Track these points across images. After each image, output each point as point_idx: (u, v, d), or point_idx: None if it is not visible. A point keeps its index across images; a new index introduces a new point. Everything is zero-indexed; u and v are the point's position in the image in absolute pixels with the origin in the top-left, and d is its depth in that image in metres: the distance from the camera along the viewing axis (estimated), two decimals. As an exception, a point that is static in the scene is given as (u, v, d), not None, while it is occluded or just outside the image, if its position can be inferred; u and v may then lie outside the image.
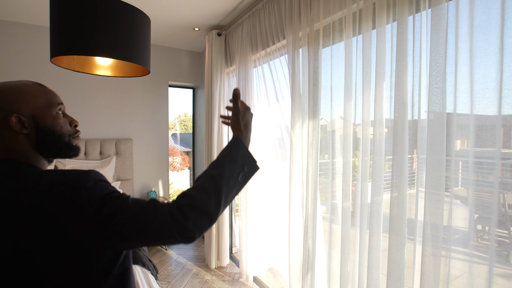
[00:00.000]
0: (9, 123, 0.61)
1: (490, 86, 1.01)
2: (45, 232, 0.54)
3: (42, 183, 0.57)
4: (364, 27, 1.43)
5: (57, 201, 0.54)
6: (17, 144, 0.62)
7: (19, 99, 0.62)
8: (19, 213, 0.54)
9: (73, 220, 0.54)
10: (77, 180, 0.57)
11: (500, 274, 1.19)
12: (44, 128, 0.65)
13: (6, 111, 0.61)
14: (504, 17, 0.98)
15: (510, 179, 1.39)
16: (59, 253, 0.55)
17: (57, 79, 3.03)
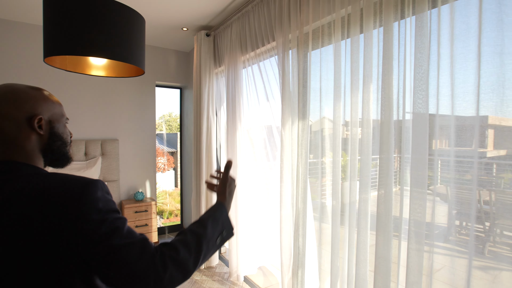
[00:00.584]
0: (32, 122, 0.65)
1: (469, 90, 1.08)
2: (43, 230, 0.55)
3: (50, 183, 0.59)
4: (352, 31, 1.49)
5: (62, 204, 0.56)
6: (28, 143, 0.65)
7: (42, 103, 0.68)
8: (26, 211, 0.55)
9: (71, 224, 0.56)
10: (85, 187, 0.59)
11: (476, 267, 1.28)
12: (56, 133, 0.71)
13: (31, 111, 0.65)
14: (481, 27, 1.05)
15: (485, 177, 1.48)
16: (44, 252, 0.56)
17: (41, 76, 2.93)
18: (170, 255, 0.63)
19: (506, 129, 1.08)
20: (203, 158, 2.97)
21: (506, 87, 1.00)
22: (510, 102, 0.99)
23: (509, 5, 1.00)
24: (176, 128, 24.68)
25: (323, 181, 1.82)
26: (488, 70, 1.03)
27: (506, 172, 1.32)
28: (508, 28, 1.00)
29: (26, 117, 0.64)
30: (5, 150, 0.63)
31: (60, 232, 0.55)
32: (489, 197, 1.64)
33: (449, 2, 1.14)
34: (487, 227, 1.64)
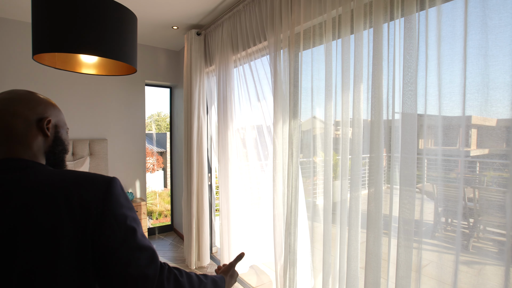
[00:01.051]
0: (41, 124, 0.69)
1: (456, 90, 1.12)
2: (69, 224, 0.56)
3: (73, 179, 0.61)
4: (343, 32, 1.51)
5: (88, 199, 0.58)
6: (35, 143, 0.68)
7: (52, 108, 0.73)
8: (51, 206, 0.56)
9: (97, 219, 0.58)
10: (109, 183, 0.63)
11: (461, 262, 1.32)
12: (60, 138, 0.75)
13: (42, 113, 0.70)
14: (466, 30, 1.09)
15: (469, 175, 1.54)
16: (69, 247, 0.56)
17: (29, 74, 2.84)
18: (176, 274, 0.69)
19: (489, 129, 1.12)
20: (194, 158, 2.95)
21: (490, 87, 1.04)
22: (494, 102, 1.03)
23: (493, 9, 1.03)
24: (165, 128, 24.38)
25: (314, 180, 1.85)
26: (474, 71, 1.07)
27: (489, 170, 1.37)
28: (491, 31, 1.04)
29: (37, 118, 0.68)
30: (14, 147, 0.65)
31: (86, 226, 0.57)
32: (473, 194, 1.70)
33: (436, 5, 1.17)
34: (471, 223, 1.70)
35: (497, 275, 1.12)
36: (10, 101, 0.66)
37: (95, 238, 0.58)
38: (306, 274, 1.93)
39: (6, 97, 0.67)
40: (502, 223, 1.19)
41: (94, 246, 0.58)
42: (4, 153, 0.64)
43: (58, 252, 0.55)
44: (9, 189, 0.58)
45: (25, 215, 0.55)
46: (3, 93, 0.69)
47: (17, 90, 0.70)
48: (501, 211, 1.20)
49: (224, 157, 2.60)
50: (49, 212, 0.56)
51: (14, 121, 0.65)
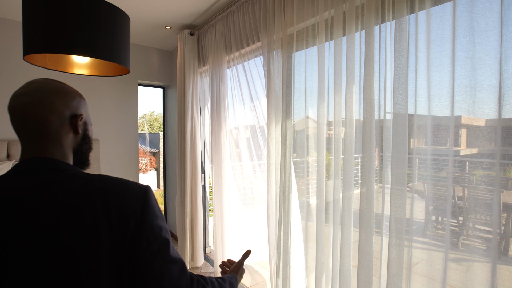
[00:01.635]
0: (74, 121, 0.65)
1: (444, 91, 1.15)
2: (108, 233, 0.55)
3: (110, 187, 0.59)
4: (335, 34, 1.53)
5: (127, 208, 0.57)
6: (66, 141, 0.65)
7: (83, 103, 0.69)
8: (89, 214, 0.54)
9: (135, 228, 0.57)
10: (146, 192, 0.61)
11: (451, 259, 1.35)
12: (88, 136, 0.72)
13: (76, 109, 0.66)
14: (455, 33, 1.12)
15: (459, 174, 1.57)
16: (106, 255, 0.55)
17: (19, 74, 2.79)
18: (203, 284, 0.70)
19: (478, 129, 1.15)
20: (188, 158, 2.94)
21: (477, 89, 1.07)
22: (481, 104, 1.06)
23: (480, 13, 1.06)
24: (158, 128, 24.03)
25: (308, 179, 1.86)
26: (462, 73, 1.10)
27: (478, 169, 1.40)
28: (478, 35, 1.07)
29: (71, 114, 0.64)
30: (46, 145, 0.61)
31: (124, 238, 0.56)
32: (462, 193, 1.74)
33: (426, 8, 1.20)
34: (461, 221, 1.73)
35: (484, 271, 1.15)
36: (47, 93, 0.61)
37: (132, 250, 0.57)
38: (300, 273, 1.95)
39: (42, 87, 0.61)
40: (489, 221, 1.22)
41: (131, 258, 0.57)
42: (37, 151, 0.60)
43: (98, 263, 0.54)
44: (51, 190, 0.55)
45: (66, 218, 0.53)
46: (35, 82, 0.63)
47: (51, 81, 0.65)
48: (488, 209, 1.23)
49: (217, 157, 2.60)
50: (90, 219, 0.54)
51: (50, 117, 0.60)
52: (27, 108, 0.59)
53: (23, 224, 0.52)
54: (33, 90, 0.60)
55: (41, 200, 0.54)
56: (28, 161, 0.59)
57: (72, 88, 0.68)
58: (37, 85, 0.61)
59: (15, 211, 0.52)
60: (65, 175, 0.59)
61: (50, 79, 0.65)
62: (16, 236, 0.51)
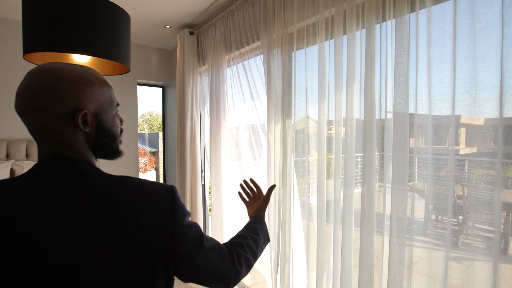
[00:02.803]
0: (75, 119, 0.55)
1: (445, 90, 1.15)
2: (138, 236, 0.53)
3: (135, 189, 0.56)
4: (336, 33, 1.53)
5: (156, 210, 0.56)
6: (76, 141, 0.57)
7: (88, 92, 0.57)
8: (116, 218, 0.52)
9: (166, 229, 0.56)
10: (172, 193, 0.59)
11: (451, 258, 1.35)
12: (104, 128, 0.61)
13: (74, 105, 0.55)
14: (455, 32, 1.11)
15: (458, 173, 1.57)
16: (139, 258, 0.54)
17: (19, 73, 2.78)
18: (243, 255, 0.72)
19: (477, 128, 1.15)
20: (187, 158, 2.94)
21: (478, 88, 1.06)
22: (481, 102, 1.06)
23: (481, 12, 1.06)
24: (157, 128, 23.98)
25: (308, 179, 1.86)
26: (463, 72, 1.10)
27: (477, 168, 1.40)
28: (479, 33, 1.07)
29: (69, 112, 0.54)
30: (59, 147, 0.56)
31: (155, 237, 0.55)
32: (462, 192, 1.74)
33: (427, 7, 1.20)
34: (461, 220, 1.74)
35: (484, 269, 1.15)
36: (35, 93, 0.53)
37: (169, 251, 0.56)
38: (301, 273, 1.95)
39: (31, 86, 0.53)
40: (491, 220, 1.22)
41: (170, 259, 0.57)
42: (52, 151, 0.56)
43: (129, 268, 0.52)
44: (79, 195, 0.52)
45: (96, 223, 0.51)
46: (28, 75, 0.55)
47: (44, 71, 0.54)
48: (488, 208, 1.23)
49: (217, 156, 2.60)
50: (119, 223, 0.52)
51: (45, 121, 0.54)
52: (22, 113, 0.54)
53: (55, 229, 0.49)
54: (24, 90, 0.54)
55: (69, 205, 0.51)
56: (48, 161, 0.55)
57: (75, 72, 0.56)
58: (28, 82, 0.54)
59: (46, 215, 0.49)
60: (89, 179, 0.55)
61: (43, 68, 0.55)
62: (52, 241, 0.48)
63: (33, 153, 2.78)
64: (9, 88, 2.77)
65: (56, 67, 0.56)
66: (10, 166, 2.57)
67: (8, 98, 2.77)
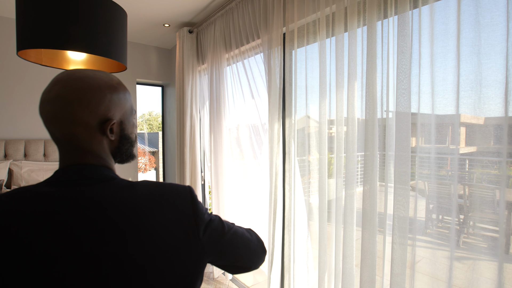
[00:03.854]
0: (104, 128, 0.58)
1: (449, 88, 1.13)
2: (169, 239, 0.55)
3: (157, 192, 0.57)
4: (337, 30, 1.50)
5: (181, 211, 0.57)
6: (101, 149, 0.59)
7: (116, 102, 0.60)
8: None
9: (192, 229, 0.57)
10: (190, 192, 0.61)
11: (453, 257, 1.34)
12: (126, 135, 0.64)
13: (104, 115, 0.57)
14: (459, 28, 1.09)
15: (459, 172, 1.56)
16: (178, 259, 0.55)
17: (10, 71, 2.76)
18: (257, 234, 0.75)
19: (477, 127, 1.13)
20: (187, 157, 2.92)
21: (483, 85, 1.04)
22: (486, 100, 1.04)
23: (486, 7, 1.04)
24: (157, 127, 24.02)
25: (309, 178, 1.84)
26: (467, 69, 1.08)
27: (477, 167, 1.38)
28: (484, 29, 1.05)
29: (99, 122, 0.57)
30: (82, 155, 0.57)
31: (182, 236, 0.56)
32: (463, 191, 1.73)
33: (429, 3, 1.17)
34: (462, 219, 1.72)
35: (486, 269, 1.14)
36: (67, 102, 0.54)
37: (200, 248, 0.58)
38: (302, 272, 1.93)
39: (63, 93, 0.54)
40: (491, 219, 1.21)
41: (200, 255, 0.58)
42: (74, 159, 0.57)
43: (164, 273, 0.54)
44: (105, 203, 0.53)
45: (124, 232, 0.51)
46: (58, 82, 0.55)
47: (76, 79, 0.55)
48: (490, 207, 1.22)
49: (216, 156, 2.58)
50: (148, 229, 0.53)
51: (75, 130, 0.55)
52: (50, 121, 0.55)
53: (88, 235, 0.49)
54: (54, 97, 0.54)
55: (98, 211, 0.52)
56: (73, 168, 0.57)
57: (103, 81, 0.58)
58: (58, 90, 0.54)
59: (77, 222, 0.50)
60: (113, 185, 0.56)
61: (74, 77, 0.56)
62: (88, 246, 0.49)
63: (31, 153, 2.76)
64: (6, 87, 2.74)
65: (85, 76, 0.57)
66: (8, 166, 2.55)
67: (4, 98, 2.75)
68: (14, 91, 2.78)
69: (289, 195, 1.86)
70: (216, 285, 2.58)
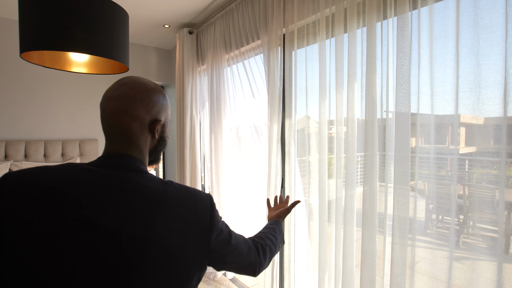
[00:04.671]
0: (153, 127, 0.67)
1: (448, 88, 1.13)
2: (188, 238, 0.61)
3: (185, 193, 0.64)
4: (336, 31, 1.51)
5: (200, 215, 0.64)
6: (145, 145, 0.68)
7: (166, 107, 0.70)
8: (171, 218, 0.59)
9: (207, 232, 0.64)
10: (211, 200, 0.68)
11: (453, 258, 1.34)
12: (164, 138, 0.73)
13: (156, 115, 0.67)
14: (458, 29, 1.10)
15: (459, 172, 1.56)
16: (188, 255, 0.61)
17: (13, 73, 2.76)
18: (266, 249, 0.82)
19: (477, 127, 1.14)
20: (187, 158, 2.92)
21: (482, 86, 1.05)
22: (485, 101, 1.05)
23: (484, 9, 1.05)
24: (156, 128, 23.99)
25: (309, 178, 1.85)
26: (466, 70, 1.08)
27: (477, 167, 1.39)
28: (483, 30, 1.05)
29: (151, 120, 0.66)
30: (128, 146, 0.64)
31: (195, 235, 0.62)
32: (462, 191, 1.73)
33: (428, 4, 1.18)
34: (461, 220, 1.73)
35: (486, 269, 1.14)
36: (133, 100, 0.63)
37: (208, 249, 0.64)
38: (302, 273, 1.93)
39: (130, 93, 0.64)
40: (491, 219, 1.21)
41: (206, 254, 0.64)
42: (120, 149, 0.64)
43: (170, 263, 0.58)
44: (139, 185, 0.59)
45: (154, 213, 0.57)
46: (125, 84, 0.65)
47: (139, 83, 0.66)
48: (489, 207, 1.22)
49: (216, 156, 2.58)
50: (167, 218, 0.59)
51: (133, 123, 0.64)
52: (114, 113, 0.63)
53: (114, 213, 0.55)
54: (122, 95, 0.63)
55: (129, 193, 0.58)
56: (116, 156, 0.64)
57: (158, 87, 0.69)
58: (126, 90, 0.64)
59: (108, 199, 0.56)
60: (146, 176, 0.63)
61: (138, 81, 0.66)
62: (111, 223, 0.54)
63: (31, 154, 2.76)
64: (6, 88, 2.75)
65: (147, 82, 0.68)
66: (9, 167, 2.55)
67: (4, 98, 2.75)
68: (14, 91, 2.79)
69: (289, 195, 1.87)
70: (216, 285, 2.58)
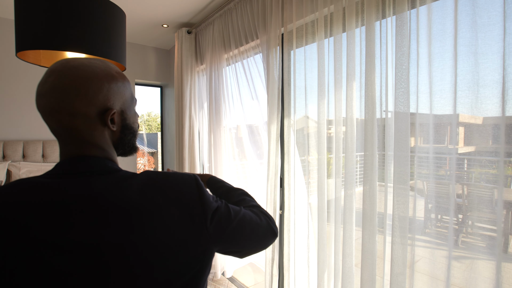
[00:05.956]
0: (105, 118, 0.55)
1: (446, 87, 1.13)
2: (179, 229, 0.53)
3: (164, 182, 0.55)
4: (335, 30, 1.51)
5: (188, 199, 0.55)
6: (102, 140, 0.57)
7: (115, 90, 0.57)
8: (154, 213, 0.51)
9: (201, 216, 0.55)
10: (196, 180, 0.59)
11: (452, 257, 1.34)
12: (128, 125, 0.61)
13: (104, 104, 0.55)
14: (457, 28, 1.10)
15: (458, 172, 1.56)
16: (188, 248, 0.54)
17: (9, 72, 2.75)
18: (267, 213, 0.71)
19: (475, 126, 1.13)
20: (186, 158, 2.92)
21: (480, 85, 1.05)
22: (484, 99, 1.05)
23: (482, 7, 1.05)
24: (156, 128, 23.96)
25: (308, 178, 1.84)
26: (464, 68, 1.08)
27: (476, 167, 1.39)
28: (481, 29, 1.05)
29: (98, 112, 0.54)
30: (84, 146, 0.55)
31: (190, 227, 0.54)
32: (461, 190, 1.73)
33: (427, 3, 1.18)
34: (460, 219, 1.72)
35: (485, 268, 1.14)
36: (64, 93, 0.51)
37: (210, 234, 0.56)
38: (302, 272, 1.93)
39: (59, 85, 0.51)
40: (490, 219, 1.21)
41: (211, 246, 0.57)
42: (75, 151, 0.55)
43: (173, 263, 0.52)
44: (108, 192, 0.51)
45: (134, 220, 0.50)
46: (53, 73, 0.52)
47: (71, 69, 0.53)
48: (488, 206, 1.22)
49: (215, 156, 2.58)
50: (156, 218, 0.51)
51: (74, 122, 0.53)
52: (47, 113, 0.53)
53: (87, 228, 0.48)
54: (50, 89, 0.52)
55: (100, 203, 0.50)
56: (75, 160, 0.54)
57: (100, 69, 0.55)
58: (53, 80, 0.52)
59: (77, 214, 0.48)
60: (116, 177, 0.54)
61: (69, 65, 0.53)
62: (89, 239, 0.48)
63: (29, 154, 2.75)
64: (4, 88, 2.74)
65: (81, 64, 0.54)
66: (7, 167, 2.54)
67: (2, 98, 2.74)
68: (12, 92, 2.78)
69: (288, 195, 1.86)
70: (215, 285, 2.58)
